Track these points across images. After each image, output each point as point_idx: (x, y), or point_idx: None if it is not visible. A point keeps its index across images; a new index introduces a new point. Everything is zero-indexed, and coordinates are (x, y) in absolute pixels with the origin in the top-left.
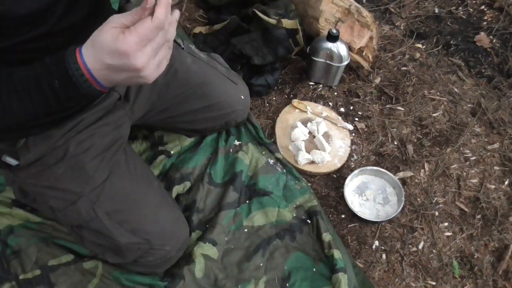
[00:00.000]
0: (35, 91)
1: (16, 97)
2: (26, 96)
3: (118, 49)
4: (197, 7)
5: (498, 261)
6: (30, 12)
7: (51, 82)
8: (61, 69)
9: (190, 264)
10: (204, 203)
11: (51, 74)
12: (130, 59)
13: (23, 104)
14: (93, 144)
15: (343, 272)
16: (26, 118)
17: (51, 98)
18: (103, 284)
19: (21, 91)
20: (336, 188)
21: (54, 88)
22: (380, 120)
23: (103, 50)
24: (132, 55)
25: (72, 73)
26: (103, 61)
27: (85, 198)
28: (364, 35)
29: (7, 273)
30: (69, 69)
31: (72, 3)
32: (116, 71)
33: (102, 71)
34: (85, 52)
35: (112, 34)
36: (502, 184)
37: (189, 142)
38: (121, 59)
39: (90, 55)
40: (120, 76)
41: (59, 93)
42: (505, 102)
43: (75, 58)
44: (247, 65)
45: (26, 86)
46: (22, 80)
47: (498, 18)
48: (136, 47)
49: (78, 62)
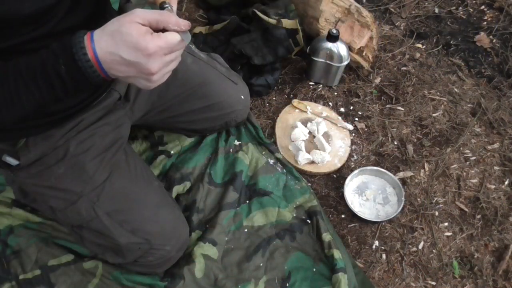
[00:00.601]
0: (40, 77)
1: (23, 84)
2: (32, 83)
3: (143, 46)
4: (197, 7)
5: (498, 261)
6: (32, 12)
7: (56, 67)
8: (68, 56)
9: (190, 264)
10: (204, 203)
11: (57, 60)
12: (149, 60)
13: (30, 91)
14: (94, 144)
15: (343, 272)
16: (33, 107)
17: (57, 83)
18: (103, 284)
19: (27, 77)
20: (336, 188)
21: (59, 73)
22: (380, 120)
23: (123, 42)
24: (152, 57)
25: (79, 58)
26: (118, 53)
27: (85, 198)
28: (364, 35)
29: (7, 273)
30: (76, 55)
31: (74, 4)
32: (126, 65)
33: (112, 62)
34: (98, 39)
35: (138, 29)
36: (502, 184)
37: (189, 142)
38: (140, 57)
39: (104, 43)
40: (128, 71)
41: (64, 78)
42: (505, 102)
43: (84, 44)
44: (247, 65)
45: (32, 72)
46: (28, 67)
47: (498, 18)
48: (160, 52)
49: (86, 48)
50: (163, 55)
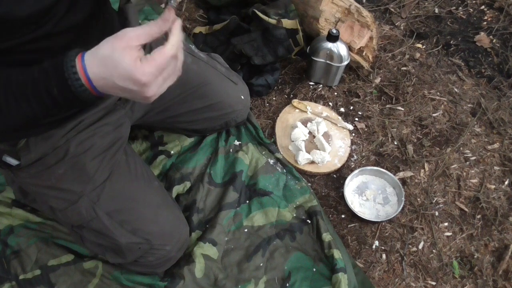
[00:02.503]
0: (32, 96)
1: (14, 101)
2: (24, 100)
3: (135, 77)
4: (197, 7)
5: (498, 261)
6: (31, 13)
7: (48, 88)
8: (60, 76)
9: (190, 264)
10: (204, 203)
11: (49, 79)
12: (143, 88)
13: (20, 107)
14: (94, 144)
15: (343, 272)
16: (25, 121)
17: (48, 101)
18: (103, 284)
19: (18, 94)
20: (336, 188)
21: (51, 93)
22: (380, 120)
23: (116, 71)
24: (147, 86)
25: (72, 83)
26: (112, 80)
27: (86, 198)
28: (364, 35)
29: (7, 273)
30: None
31: (73, 4)
32: (121, 90)
33: (106, 86)
34: (89, 64)
35: (130, 58)
36: (502, 184)
37: (189, 142)
38: (134, 85)
39: (96, 69)
40: (123, 94)
41: (57, 98)
42: (505, 102)
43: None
44: (247, 65)
45: (23, 90)
46: (20, 84)
47: (498, 18)
48: (153, 78)
49: (78, 73)
50: (157, 78)
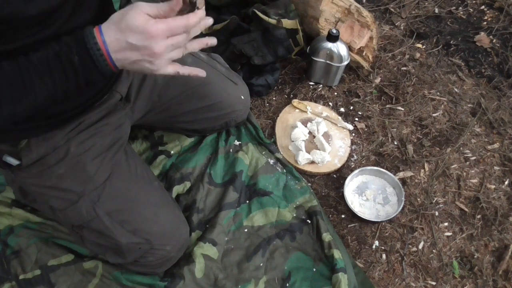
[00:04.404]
0: (55, 67)
1: (37, 75)
2: (47, 73)
3: (147, 30)
4: None
5: (498, 261)
6: (37, 13)
7: (70, 57)
8: (80, 45)
9: (190, 264)
10: (204, 203)
11: (71, 50)
12: (152, 42)
13: (44, 81)
14: (94, 144)
15: (343, 272)
16: (45, 99)
17: (70, 74)
18: (103, 284)
19: (41, 69)
20: (336, 188)
21: (73, 63)
22: (380, 120)
23: (129, 29)
24: (155, 39)
25: (91, 47)
26: (125, 39)
27: (86, 198)
28: (364, 35)
29: (7, 273)
30: (88, 44)
31: (78, 5)
32: (132, 49)
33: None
34: (106, 29)
35: (143, 18)
36: (502, 184)
37: (189, 142)
38: (144, 40)
39: (111, 32)
40: (132, 56)
41: (77, 67)
42: (505, 102)
43: (94, 34)
44: (247, 65)
45: (46, 63)
46: (41, 59)
47: (498, 18)
48: (162, 34)
49: (96, 38)
50: (165, 37)
